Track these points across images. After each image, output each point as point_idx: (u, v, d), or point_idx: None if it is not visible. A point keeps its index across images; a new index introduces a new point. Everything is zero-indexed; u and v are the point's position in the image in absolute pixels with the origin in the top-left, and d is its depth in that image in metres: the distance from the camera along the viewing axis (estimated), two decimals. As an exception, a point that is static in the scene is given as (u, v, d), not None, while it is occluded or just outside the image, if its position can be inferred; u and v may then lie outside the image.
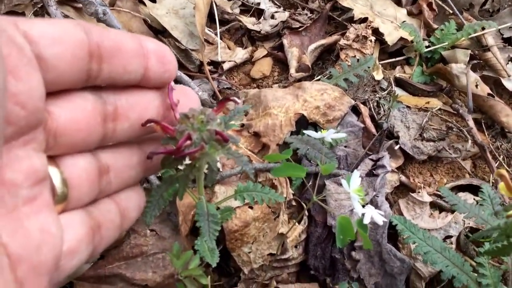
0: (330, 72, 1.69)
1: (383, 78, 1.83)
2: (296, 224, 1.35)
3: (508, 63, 1.84)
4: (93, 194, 0.53)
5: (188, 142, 0.70)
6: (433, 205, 1.50)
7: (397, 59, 1.95)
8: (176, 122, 0.65)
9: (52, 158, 0.48)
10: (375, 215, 1.01)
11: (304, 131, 1.17)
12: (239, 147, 1.44)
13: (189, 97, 0.61)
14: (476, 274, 1.22)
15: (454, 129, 1.66)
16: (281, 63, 1.93)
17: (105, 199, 0.55)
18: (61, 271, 0.48)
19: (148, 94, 0.56)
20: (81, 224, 0.50)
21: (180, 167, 0.77)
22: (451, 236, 1.41)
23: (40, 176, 0.45)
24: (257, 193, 1.10)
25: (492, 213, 1.07)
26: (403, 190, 1.55)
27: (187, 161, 0.77)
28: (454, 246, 1.40)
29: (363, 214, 1.01)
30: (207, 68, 1.80)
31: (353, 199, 0.98)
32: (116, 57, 0.49)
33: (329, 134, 1.07)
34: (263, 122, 1.46)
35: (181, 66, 1.81)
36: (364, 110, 1.62)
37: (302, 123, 1.51)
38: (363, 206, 1.02)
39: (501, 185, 0.78)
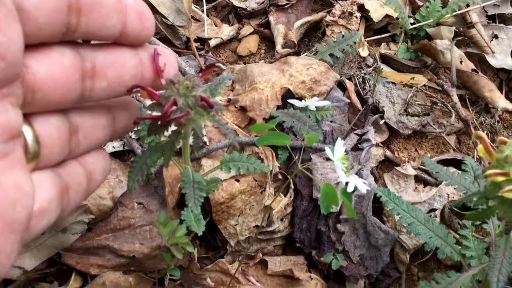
0: (316, 48, 1.69)
1: (369, 55, 1.84)
2: (282, 196, 1.36)
3: (492, 40, 1.86)
4: (63, 154, 0.53)
5: (174, 107, 0.71)
6: (418, 180, 1.51)
7: (383, 36, 1.96)
8: (161, 87, 0.66)
9: (25, 116, 0.48)
10: (359, 184, 1.02)
11: (289, 100, 1.18)
12: (224, 120, 1.45)
13: (167, 56, 0.61)
14: (459, 247, 1.24)
15: (438, 104, 1.68)
16: (268, 41, 1.94)
17: (73, 161, 0.55)
18: (31, 231, 0.48)
19: (126, 52, 0.56)
20: (51, 185, 0.50)
21: (166, 134, 0.78)
22: (435, 210, 1.43)
23: (15, 132, 0.45)
24: (242, 163, 1.11)
25: (473, 181, 1.08)
26: (388, 165, 1.57)
27: (173, 127, 0.78)
28: (438, 219, 1.42)
29: (347, 183, 1.02)
30: (194, 44, 1.81)
31: (337, 167, 0.99)
32: (95, 11, 0.49)
33: (312, 102, 1.08)
34: (249, 97, 1.47)
35: (168, 42, 1.81)
36: (349, 85, 1.63)
37: (288, 98, 1.52)
38: (347, 176, 1.04)
39: (480, 147, 0.79)
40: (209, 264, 1.32)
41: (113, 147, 1.41)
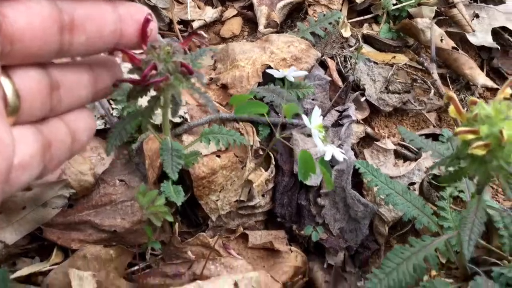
0: (298, 27, 1.70)
1: (351, 35, 1.85)
2: (262, 170, 1.37)
3: (473, 19, 1.88)
4: (45, 109, 0.53)
5: (154, 72, 0.72)
6: (398, 156, 1.53)
7: (365, 17, 1.97)
8: (141, 48, 0.66)
9: (4, 69, 0.48)
10: (336, 152, 1.03)
11: (267, 70, 1.19)
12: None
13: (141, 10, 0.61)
14: (437, 218, 1.26)
15: (418, 82, 1.69)
16: (251, 23, 1.94)
17: (56, 118, 0.56)
18: (11, 184, 0.48)
19: (105, 6, 0.56)
20: (33, 140, 0.51)
21: (144, 101, 0.79)
22: (414, 183, 1.44)
23: None
24: (222, 136, 1.13)
25: (447, 148, 1.10)
26: (369, 141, 1.58)
27: (152, 92, 0.79)
28: (417, 192, 1.43)
29: (324, 152, 1.03)
30: (177, 26, 1.81)
31: (314, 136, 1.00)
32: None
33: (290, 72, 1.09)
34: (231, 75, 1.48)
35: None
36: (331, 64, 1.64)
37: (271, 76, 1.53)
38: (325, 145, 1.05)
39: (451, 108, 0.81)
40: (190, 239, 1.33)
41: (95, 125, 1.42)
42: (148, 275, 1.29)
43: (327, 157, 1.03)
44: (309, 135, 1.42)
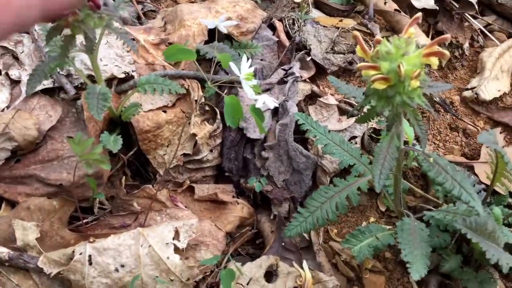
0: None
1: (303, 0, 1.90)
2: (207, 124, 1.42)
3: (418, -16, 1.93)
4: None
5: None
6: (343, 113, 1.59)
7: (318, -17, 2.02)
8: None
9: None
10: (268, 100, 1.09)
11: (200, 19, 1.23)
12: (155, 58, 1.50)
13: None
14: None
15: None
16: (206, -11, 1.98)
17: None
18: None
19: None
20: None
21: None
22: (356, 137, 1.51)
23: None
24: (158, 85, 1.17)
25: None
26: (316, 99, 1.64)
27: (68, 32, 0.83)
28: (359, 145, 1.50)
29: (256, 100, 1.09)
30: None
31: (244, 84, 1.06)
32: None
33: (220, 21, 1.13)
34: (178, 34, 1.52)
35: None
36: (279, 25, 1.69)
37: (220, 36, 1.58)
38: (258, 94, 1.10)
39: (358, 47, 0.86)
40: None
41: (43, 84, 1.45)
42: (95, 227, 1.34)
43: (259, 105, 1.09)
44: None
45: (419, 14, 0.87)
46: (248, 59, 1.05)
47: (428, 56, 0.82)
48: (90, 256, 1.16)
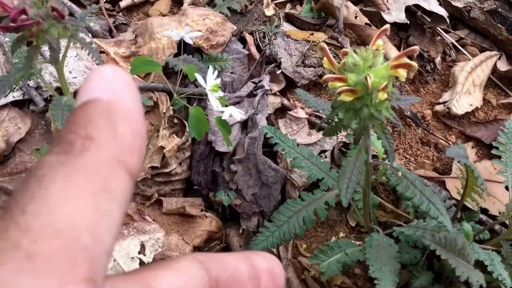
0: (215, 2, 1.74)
1: (274, 14, 1.89)
2: (175, 137, 1.40)
3: (389, -1, 1.95)
4: None
5: (24, 16, 0.74)
6: (314, 126, 1.58)
7: (290, -3, 2.02)
8: None
9: None
10: (234, 112, 1.07)
11: (165, 32, 1.22)
12: (125, 71, 1.48)
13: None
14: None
15: (334, 56, 1.74)
16: (180, 3, 1.96)
17: None
18: None
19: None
20: None
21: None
22: (326, 151, 1.50)
23: None
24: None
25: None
26: (286, 113, 1.62)
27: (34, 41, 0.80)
28: (328, 159, 1.48)
29: (222, 112, 1.07)
30: (104, 6, 1.83)
31: (210, 96, 1.04)
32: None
33: (185, 33, 1.11)
34: (148, 47, 1.50)
35: (77, 2, 1.82)
36: (249, 38, 1.68)
37: (190, 49, 1.57)
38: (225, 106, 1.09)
39: (325, 59, 0.85)
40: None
41: (13, 96, 1.43)
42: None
43: (225, 117, 1.07)
44: (225, 105, 1.45)
45: (387, 26, 0.86)
46: (214, 70, 1.03)
47: (396, 68, 0.81)
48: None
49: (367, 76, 0.78)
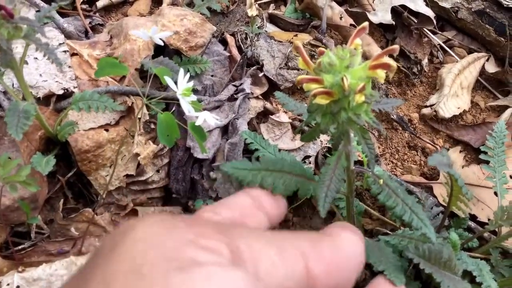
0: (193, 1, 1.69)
1: (257, 15, 1.84)
2: (151, 143, 1.34)
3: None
4: None
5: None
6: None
7: (274, -2, 1.97)
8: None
9: None
10: (208, 118, 1.02)
11: (132, 31, 1.16)
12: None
13: None
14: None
15: (316, 57, 1.69)
16: (159, 3, 1.91)
17: None
18: None
19: None
20: None
21: None
22: (310, 156, 1.44)
23: None
24: (93, 102, 1.09)
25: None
26: (268, 118, 1.57)
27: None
28: (313, 165, 1.43)
29: (196, 117, 1.01)
30: (80, 6, 1.77)
31: (181, 100, 0.98)
32: None
33: (153, 33, 1.05)
34: (123, 48, 1.44)
35: (53, 2, 1.77)
36: (230, 40, 1.63)
37: (169, 52, 1.51)
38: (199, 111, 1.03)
39: (300, 59, 0.80)
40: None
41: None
42: (31, 253, 1.25)
43: (199, 122, 1.01)
44: (205, 108, 1.40)
45: (366, 23, 0.81)
46: (186, 73, 0.98)
47: (374, 69, 0.75)
48: (18, 287, 1.06)
49: (343, 77, 0.72)
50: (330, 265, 0.53)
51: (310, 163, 1.43)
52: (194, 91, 1.42)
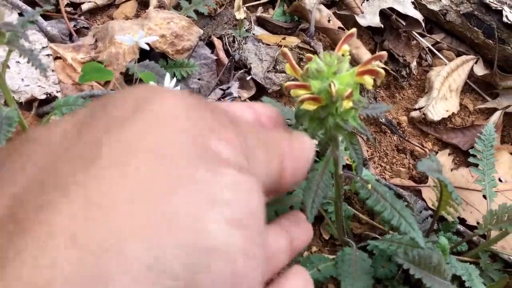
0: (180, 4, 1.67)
1: (245, 18, 1.83)
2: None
3: (363, 2, 1.89)
4: None
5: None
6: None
7: (262, 1, 1.95)
8: None
9: None
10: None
11: (116, 36, 1.15)
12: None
13: None
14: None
15: (304, 60, 1.69)
16: (146, 6, 1.89)
17: None
18: None
19: None
20: None
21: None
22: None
23: None
24: (77, 107, 1.07)
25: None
26: (257, 121, 1.56)
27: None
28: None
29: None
30: (64, 8, 1.75)
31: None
32: None
33: (139, 37, 1.04)
34: (108, 52, 1.43)
35: (37, 5, 1.74)
36: (218, 43, 1.62)
37: (155, 55, 1.50)
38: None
39: (287, 65, 0.78)
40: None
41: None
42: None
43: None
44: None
45: (354, 30, 0.79)
46: (172, 77, 0.96)
47: (362, 75, 0.74)
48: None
49: (331, 83, 0.71)
50: (296, 163, 0.57)
51: (298, 167, 1.42)
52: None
